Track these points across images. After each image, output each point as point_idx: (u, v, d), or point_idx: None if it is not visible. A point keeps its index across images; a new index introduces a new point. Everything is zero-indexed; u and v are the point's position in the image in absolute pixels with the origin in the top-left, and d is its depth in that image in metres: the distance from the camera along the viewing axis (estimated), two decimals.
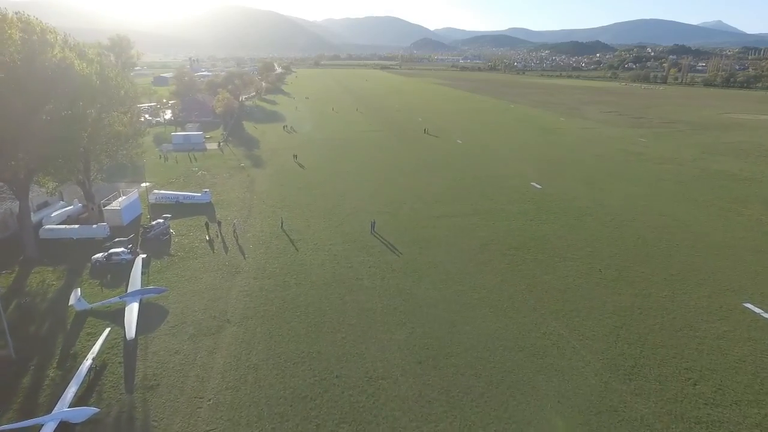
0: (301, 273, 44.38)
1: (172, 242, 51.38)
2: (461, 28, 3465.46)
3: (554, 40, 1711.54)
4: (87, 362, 29.74)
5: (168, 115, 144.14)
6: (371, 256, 48.44)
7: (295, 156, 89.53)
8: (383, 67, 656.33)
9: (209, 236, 52.72)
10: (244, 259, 47.35)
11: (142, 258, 44.36)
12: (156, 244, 50.34)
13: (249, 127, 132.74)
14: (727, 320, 37.08)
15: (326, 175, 79.64)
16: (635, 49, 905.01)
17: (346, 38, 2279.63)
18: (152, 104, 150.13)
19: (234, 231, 53.10)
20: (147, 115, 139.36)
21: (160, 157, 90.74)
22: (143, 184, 72.45)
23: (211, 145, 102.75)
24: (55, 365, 31.14)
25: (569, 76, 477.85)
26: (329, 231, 55.15)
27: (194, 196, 63.96)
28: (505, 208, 64.27)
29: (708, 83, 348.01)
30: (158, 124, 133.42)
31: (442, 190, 72.39)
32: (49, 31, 44.07)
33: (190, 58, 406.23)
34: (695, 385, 29.85)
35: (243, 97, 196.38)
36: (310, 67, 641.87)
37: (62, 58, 43.72)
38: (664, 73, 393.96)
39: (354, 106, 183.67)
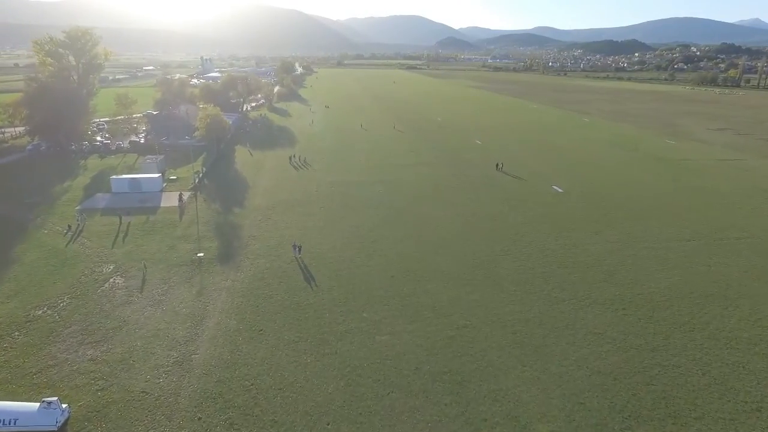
0: None
1: None
2: (486, 27, 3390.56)
3: (583, 39, 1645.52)
4: None
5: (139, 136, 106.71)
6: None
7: (299, 248, 47.49)
8: (409, 68, 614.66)
9: None
10: None
11: None
12: None
13: (242, 155, 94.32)
14: None
15: (352, 301, 40.03)
16: (677, 48, 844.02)
17: (369, 37, 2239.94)
18: (103, 120, 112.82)
19: None
20: (104, 137, 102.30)
21: (69, 230, 52.49)
22: None
23: (172, 197, 64.32)
24: None
25: (618, 78, 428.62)
26: None
27: (20, 416, 25.09)
28: None
29: None
30: (120, 150, 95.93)
31: (605, 363, 32.11)
32: None
33: (201, 57, 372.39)
34: None
35: (247, 107, 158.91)
36: (332, 67, 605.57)
37: None
38: (737, 76, 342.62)
39: (387, 120, 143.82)
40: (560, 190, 71.72)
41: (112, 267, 44.01)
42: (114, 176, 68.07)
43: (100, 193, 66.09)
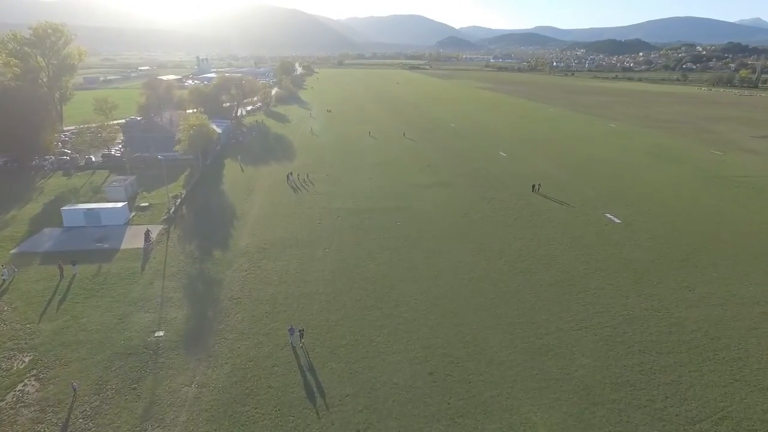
0: None
1: None
2: (487, 26, 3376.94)
3: (584, 39, 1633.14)
4: None
5: (114, 148, 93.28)
6: None
7: (300, 332, 33.24)
8: (411, 67, 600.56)
9: None
10: None
11: None
12: None
13: (232, 171, 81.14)
14: None
15: (376, 425, 26.88)
16: (683, 48, 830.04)
17: (370, 37, 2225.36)
18: (71, 129, 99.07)
19: None
20: (70, 151, 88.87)
21: None
22: None
23: (139, 233, 51.04)
24: None
25: (628, 78, 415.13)
26: None
27: None
28: None
29: None
30: (89, 166, 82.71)
31: None
32: None
33: (197, 57, 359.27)
34: None
35: (242, 111, 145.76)
36: (333, 67, 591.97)
37: None
38: (755, 76, 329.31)
39: (394, 126, 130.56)
40: (617, 221, 58.48)
41: (28, 359, 30.82)
42: (66, 206, 54.71)
43: (48, 228, 52.86)
